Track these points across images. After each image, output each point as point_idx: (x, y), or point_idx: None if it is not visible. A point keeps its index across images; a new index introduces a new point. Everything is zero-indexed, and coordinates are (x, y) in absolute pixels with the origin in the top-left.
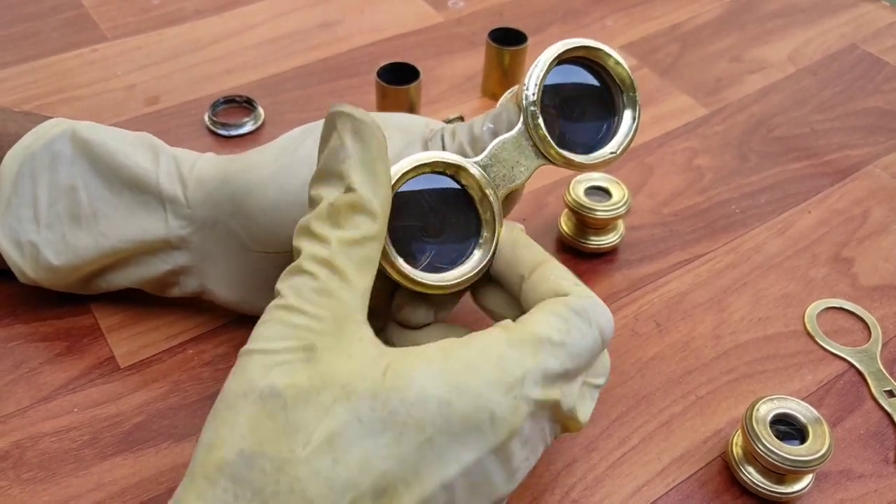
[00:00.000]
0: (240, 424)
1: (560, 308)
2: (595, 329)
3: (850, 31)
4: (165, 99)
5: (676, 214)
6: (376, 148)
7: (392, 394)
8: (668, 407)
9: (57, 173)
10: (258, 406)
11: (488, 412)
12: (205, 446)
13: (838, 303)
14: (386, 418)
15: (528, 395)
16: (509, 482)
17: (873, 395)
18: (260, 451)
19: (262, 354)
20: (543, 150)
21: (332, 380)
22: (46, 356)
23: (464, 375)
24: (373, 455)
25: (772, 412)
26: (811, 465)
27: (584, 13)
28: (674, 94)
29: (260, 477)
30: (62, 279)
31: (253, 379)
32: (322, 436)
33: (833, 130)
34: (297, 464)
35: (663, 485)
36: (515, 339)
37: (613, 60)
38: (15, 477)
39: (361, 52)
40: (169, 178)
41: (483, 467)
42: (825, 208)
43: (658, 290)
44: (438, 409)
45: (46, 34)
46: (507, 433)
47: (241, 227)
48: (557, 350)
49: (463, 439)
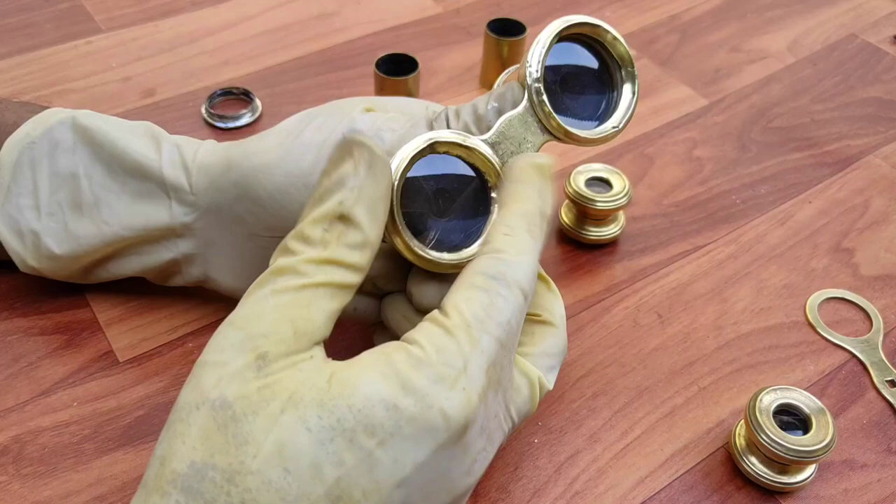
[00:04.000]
0: (191, 436)
1: (477, 279)
2: (515, 289)
3: (850, 21)
4: (162, 91)
5: (677, 205)
6: (385, 188)
7: (338, 401)
8: (670, 398)
9: (57, 161)
10: (209, 417)
11: (438, 410)
12: (158, 458)
13: (840, 293)
14: (334, 426)
15: (474, 384)
16: (468, 475)
17: (875, 384)
18: (211, 463)
19: (215, 366)
20: (548, 126)
21: (280, 390)
22: (45, 350)
23: (407, 376)
24: (324, 463)
25: (775, 402)
26: (814, 455)
27: (583, 4)
28: (673, 84)
29: (211, 489)
30: (64, 268)
31: (205, 390)
32: (271, 446)
33: (833, 120)
34: (247, 475)
35: (666, 475)
36: (447, 328)
37: (611, 36)
38: (15, 472)
39: (359, 43)
40: (172, 166)
41: (440, 463)
42: (826, 198)
43: (659, 281)
44: (386, 413)
45: (41, 26)
46: (460, 427)
47: (248, 212)
48: (488, 325)
49: (416, 439)
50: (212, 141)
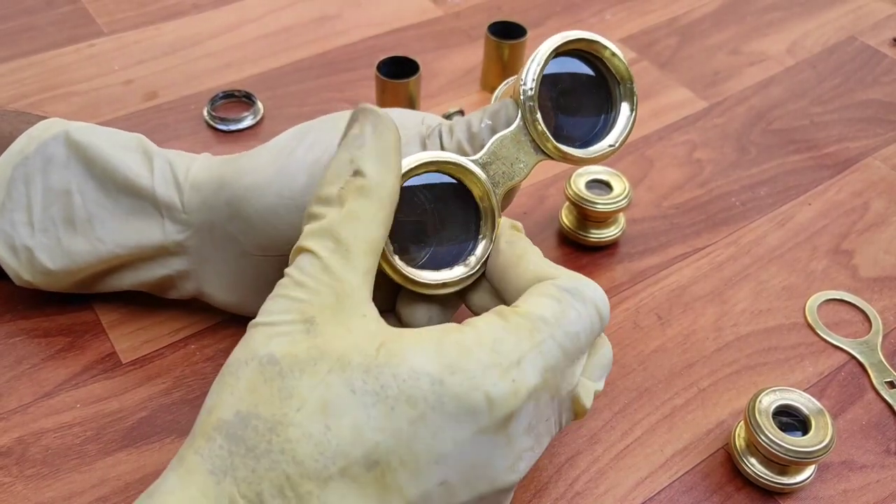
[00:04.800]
0: (239, 388)
1: (551, 289)
2: (591, 307)
3: (849, 24)
4: (164, 94)
5: (677, 207)
6: (392, 140)
7: (384, 369)
8: (670, 399)
9: (50, 177)
10: (257, 372)
11: (483, 393)
12: (206, 409)
13: (839, 294)
14: (378, 391)
15: (525, 379)
16: (512, 471)
17: (874, 386)
18: (255, 413)
19: (265, 326)
20: (542, 146)
21: (328, 351)
22: (48, 352)
23: (457, 357)
24: (364, 426)
25: (774, 403)
26: (814, 456)
27: (583, 6)
28: (673, 87)
29: (253, 436)
30: (58, 282)
31: (255, 347)
32: (315, 403)
33: (832, 122)
34: (289, 426)
35: (666, 476)
36: (510, 322)
37: (610, 52)
38: (18, 473)
39: (360, 45)
40: (164, 184)
41: (481, 448)
42: (825, 200)
43: (659, 282)
44: (431, 387)
45: (43, 29)
46: (503, 415)
47: (240, 231)
48: (554, 330)
49: (458, 418)
50: (205, 155)
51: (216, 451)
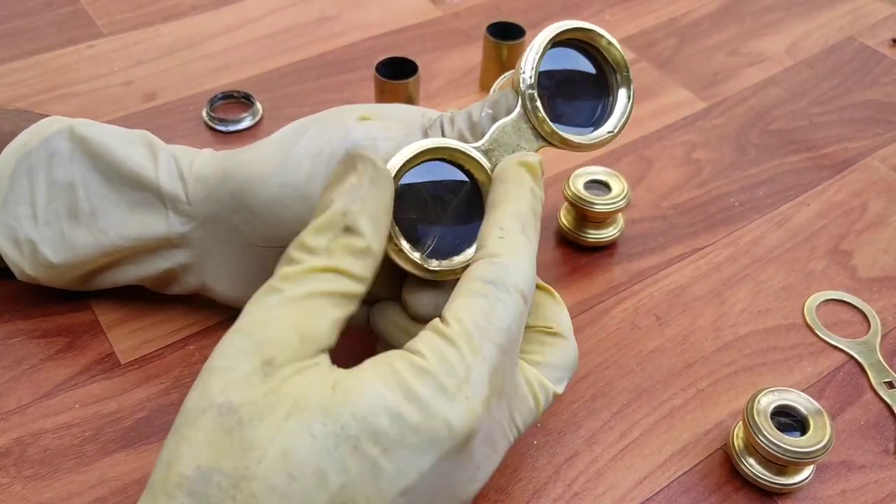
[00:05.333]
0: (197, 441)
1: (475, 284)
2: (515, 294)
3: (848, 24)
4: (163, 95)
5: (675, 208)
6: (387, 200)
7: (342, 408)
8: (668, 400)
9: (54, 171)
10: (216, 422)
11: (442, 420)
12: (164, 462)
13: (838, 295)
14: (339, 433)
15: (477, 393)
16: (471, 482)
17: (873, 386)
18: (217, 468)
19: (222, 371)
20: (542, 132)
21: (285, 396)
22: (47, 353)
23: (410, 385)
24: (328, 470)
25: (772, 404)
26: (812, 456)
27: (582, 7)
28: (672, 87)
29: (217, 493)
30: (61, 276)
31: (212, 395)
32: (276, 452)
33: (831, 123)
34: (253, 480)
35: (665, 477)
36: (448, 336)
37: (606, 41)
38: (17, 474)
39: (359, 46)
40: (169, 176)
41: (443, 471)
42: (824, 201)
43: (658, 283)
44: (390, 422)
45: (42, 30)
46: (464, 437)
47: (244, 222)
48: (489, 333)
49: (420, 448)
50: (209, 150)
51: None
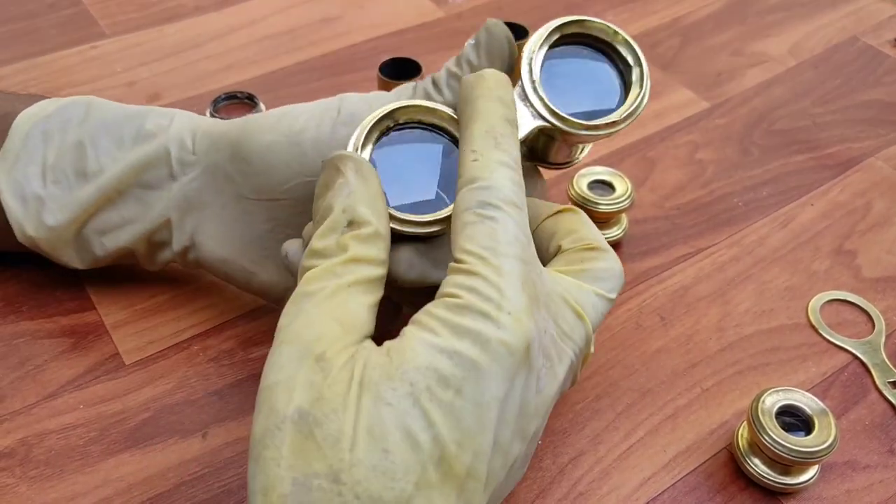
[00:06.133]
0: (283, 458)
1: (467, 216)
2: (507, 207)
3: (851, 24)
4: (166, 95)
5: (679, 208)
6: (376, 185)
7: (404, 368)
8: (673, 399)
9: (68, 133)
10: (293, 433)
11: (497, 342)
12: (259, 493)
13: (842, 295)
14: (410, 391)
15: (517, 305)
16: (538, 394)
17: (877, 386)
18: (311, 473)
19: (280, 385)
20: (542, 110)
21: (347, 381)
22: (51, 353)
23: (455, 323)
24: (415, 429)
25: (777, 404)
26: (817, 456)
27: (585, 7)
28: (675, 87)
29: (321, 497)
30: (59, 237)
31: (280, 409)
32: (362, 433)
33: (834, 123)
34: (352, 468)
35: (669, 477)
36: (467, 269)
37: (621, 37)
38: (22, 474)
39: (362, 47)
40: (180, 128)
41: (515, 389)
42: (827, 201)
43: (662, 283)
44: (451, 362)
45: (45, 31)
46: (522, 350)
47: (238, 171)
48: (500, 250)
49: (488, 376)
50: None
51: None
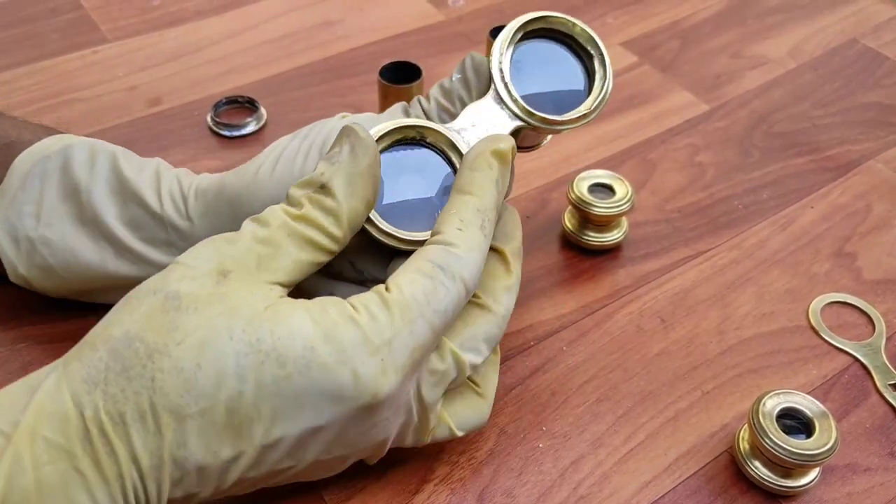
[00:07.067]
0: (138, 312)
1: (426, 266)
2: (459, 283)
3: (850, 26)
4: (167, 100)
5: (679, 211)
6: (366, 165)
7: (265, 324)
8: (673, 402)
9: (67, 175)
10: (159, 302)
11: (350, 370)
12: (103, 322)
13: (842, 297)
14: (253, 343)
15: (395, 359)
16: (364, 436)
17: (878, 388)
18: (140, 336)
19: (185, 267)
20: (516, 110)
21: (225, 300)
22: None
23: (334, 327)
24: (231, 373)
25: (778, 406)
26: (818, 458)
27: (584, 10)
28: (675, 90)
29: (132, 357)
30: (52, 281)
31: (168, 281)
32: (195, 340)
33: (834, 125)
34: (165, 356)
35: (670, 480)
36: (386, 299)
37: (579, 28)
38: None
39: (362, 51)
40: (170, 198)
41: (339, 414)
42: (827, 203)
43: (662, 286)
44: (302, 351)
45: (46, 36)
46: (369, 395)
47: None
48: (424, 310)
49: (322, 387)
50: (207, 174)
51: (95, 363)
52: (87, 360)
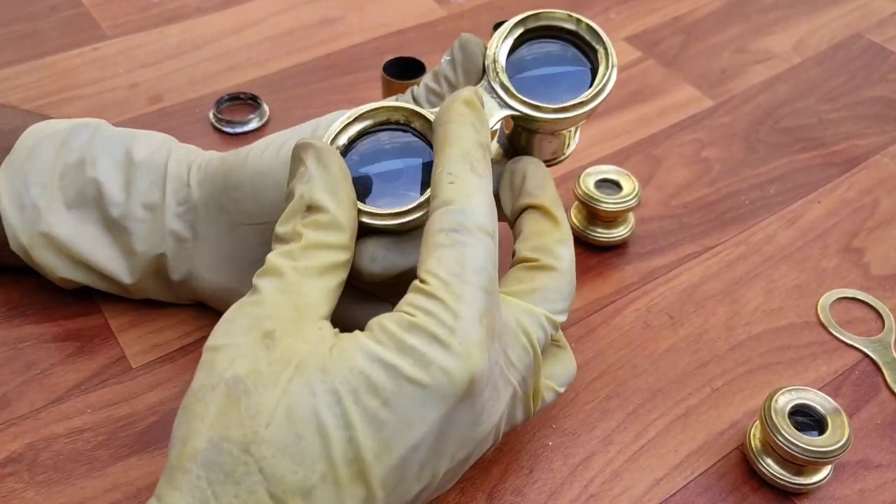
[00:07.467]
0: (209, 415)
1: (439, 237)
2: (479, 234)
3: (855, 21)
4: (169, 97)
5: (686, 206)
6: (338, 170)
7: (340, 365)
8: (683, 399)
9: (72, 153)
10: (224, 395)
11: (440, 368)
12: (179, 440)
13: (851, 293)
14: (337, 388)
15: (470, 336)
16: (477, 425)
17: (888, 384)
18: (226, 436)
19: (227, 348)
20: (507, 98)
21: (287, 361)
22: (58, 357)
23: (402, 337)
24: (331, 424)
25: (790, 403)
26: (830, 455)
27: (587, 5)
28: (679, 85)
29: (229, 460)
30: (51, 251)
31: (220, 370)
32: (281, 414)
33: (840, 120)
34: (262, 443)
35: (681, 477)
36: (429, 291)
37: (585, 24)
38: (30, 479)
39: (364, 47)
40: (177, 162)
41: (448, 417)
42: (835, 198)
43: (669, 282)
44: (386, 374)
45: (47, 33)
46: (465, 383)
47: (231, 200)
48: (466, 277)
49: (421, 398)
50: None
51: (194, 483)
52: (184, 485)
